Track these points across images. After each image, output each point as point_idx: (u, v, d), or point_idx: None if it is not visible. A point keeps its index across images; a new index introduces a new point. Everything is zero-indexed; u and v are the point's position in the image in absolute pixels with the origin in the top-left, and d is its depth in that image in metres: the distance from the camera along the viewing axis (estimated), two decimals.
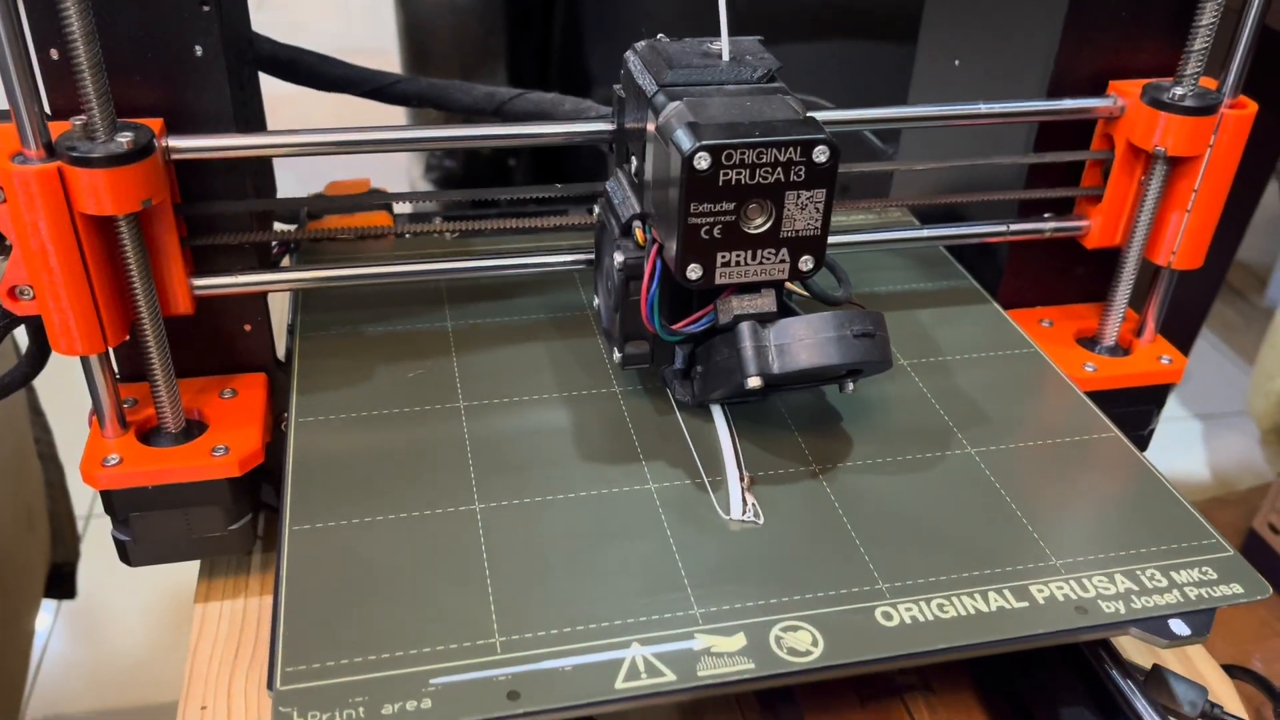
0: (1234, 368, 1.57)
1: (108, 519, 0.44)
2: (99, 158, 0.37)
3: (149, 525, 0.43)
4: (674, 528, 0.40)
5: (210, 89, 0.41)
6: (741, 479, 0.42)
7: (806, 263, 0.39)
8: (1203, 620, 0.37)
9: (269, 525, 0.48)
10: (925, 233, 0.51)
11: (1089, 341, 0.52)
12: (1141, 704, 0.38)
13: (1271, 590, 0.39)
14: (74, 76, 0.36)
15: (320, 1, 2.69)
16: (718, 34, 0.42)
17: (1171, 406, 1.51)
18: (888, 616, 0.36)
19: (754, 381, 0.39)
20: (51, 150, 0.37)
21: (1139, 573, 0.39)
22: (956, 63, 0.56)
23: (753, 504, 0.41)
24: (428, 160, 1.19)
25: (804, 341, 0.39)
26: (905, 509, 0.41)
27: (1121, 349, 0.52)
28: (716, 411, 0.45)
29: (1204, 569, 0.39)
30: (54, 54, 0.39)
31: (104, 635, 1.12)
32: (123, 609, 1.13)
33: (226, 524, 0.44)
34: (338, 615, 0.36)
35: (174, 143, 0.40)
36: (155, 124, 0.40)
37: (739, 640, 0.35)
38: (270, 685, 0.33)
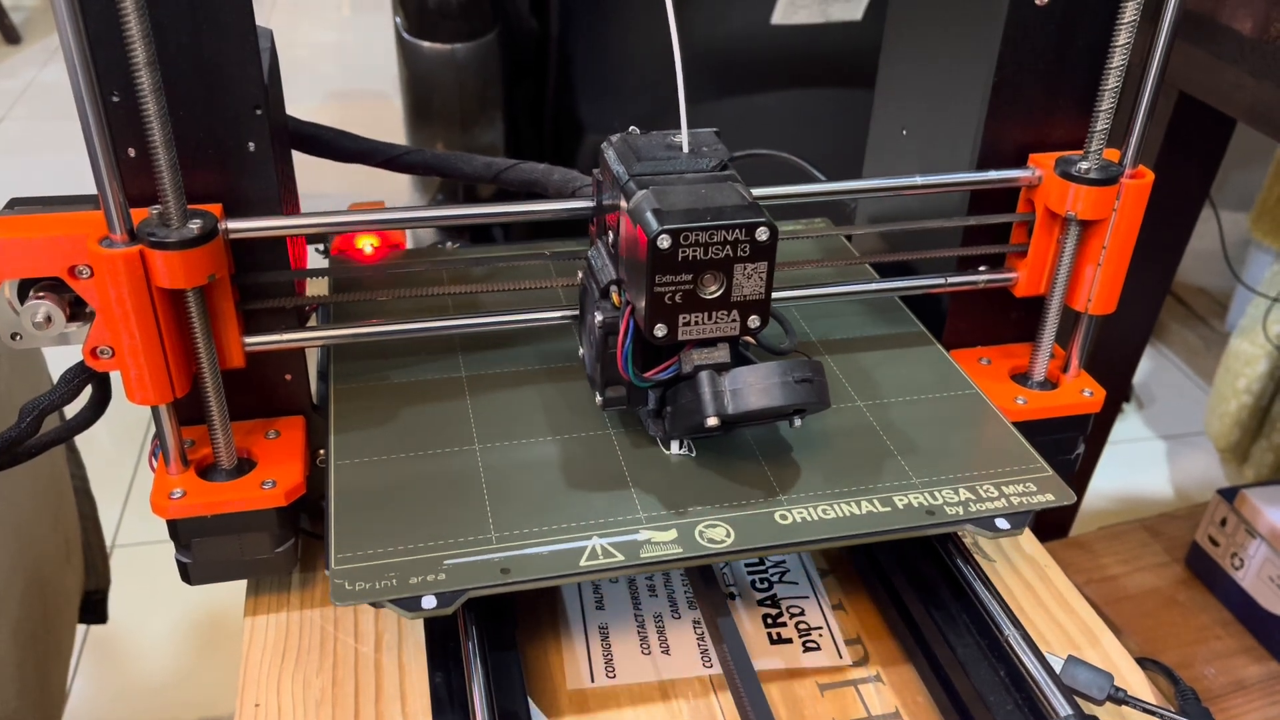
0: (1196, 389, 1.64)
1: (131, 549, 0.51)
2: (174, 242, 0.43)
3: (207, 549, 0.50)
4: (626, 459, 0.50)
5: (260, 177, 0.48)
6: None
7: (754, 321, 0.46)
8: (1020, 519, 0.47)
9: (306, 548, 0.55)
10: (874, 286, 0.59)
11: (1021, 377, 0.60)
12: (980, 586, 0.49)
13: (1076, 497, 0.49)
14: (152, 174, 0.43)
15: (311, 45, 2.77)
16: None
17: (1136, 427, 1.58)
18: (784, 517, 0.47)
19: (712, 421, 0.46)
20: (133, 235, 0.44)
21: (977, 487, 0.49)
22: (904, 132, 0.64)
23: (688, 442, 0.51)
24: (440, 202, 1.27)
25: (753, 386, 0.46)
26: (807, 450, 0.51)
27: (1050, 383, 0.59)
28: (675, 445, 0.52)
29: (1027, 484, 0.49)
30: (131, 152, 0.46)
31: (126, 658, 1.18)
32: (143, 634, 1.19)
33: (273, 547, 0.51)
34: (374, 523, 0.46)
35: (232, 225, 0.47)
36: (215, 209, 0.47)
37: (672, 534, 0.46)
38: (327, 566, 0.44)
